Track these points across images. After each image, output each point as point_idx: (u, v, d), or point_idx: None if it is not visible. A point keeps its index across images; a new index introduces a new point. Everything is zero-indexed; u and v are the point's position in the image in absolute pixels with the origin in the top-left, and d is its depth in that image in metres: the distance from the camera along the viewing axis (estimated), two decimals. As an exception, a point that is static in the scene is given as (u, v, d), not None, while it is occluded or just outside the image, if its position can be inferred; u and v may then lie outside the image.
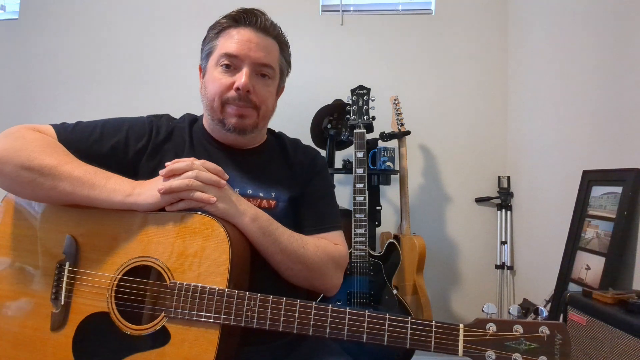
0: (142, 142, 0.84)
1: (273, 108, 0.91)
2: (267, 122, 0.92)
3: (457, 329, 0.59)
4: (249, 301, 0.65)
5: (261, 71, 0.84)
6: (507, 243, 1.96)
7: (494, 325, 0.58)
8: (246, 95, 0.82)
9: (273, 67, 0.86)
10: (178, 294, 0.66)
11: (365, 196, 1.53)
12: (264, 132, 0.97)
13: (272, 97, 0.89)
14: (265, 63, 0.84)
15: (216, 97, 0.83)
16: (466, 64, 2.08)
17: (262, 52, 0.83)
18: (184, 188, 0.70)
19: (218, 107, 0.84)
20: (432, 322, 0.60)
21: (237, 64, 0.82)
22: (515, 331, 0.57)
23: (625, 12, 1.28)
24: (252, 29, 0.83)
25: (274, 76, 0.87)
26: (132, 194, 0.70)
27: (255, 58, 0.82)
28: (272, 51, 0.86)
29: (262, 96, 0.85)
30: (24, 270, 0.74)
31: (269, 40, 0.85)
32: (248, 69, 0.82)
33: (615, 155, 1.30)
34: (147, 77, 2.16)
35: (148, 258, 0.70)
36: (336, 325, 0.63)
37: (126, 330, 0.68)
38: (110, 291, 0.70)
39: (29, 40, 2.22)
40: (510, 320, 0.59)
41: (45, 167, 0.70)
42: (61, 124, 0.83)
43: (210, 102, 0.85)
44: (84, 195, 0.70)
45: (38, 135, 0.76)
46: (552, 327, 0.57)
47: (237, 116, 0.83)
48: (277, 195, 0.87)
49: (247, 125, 0.84)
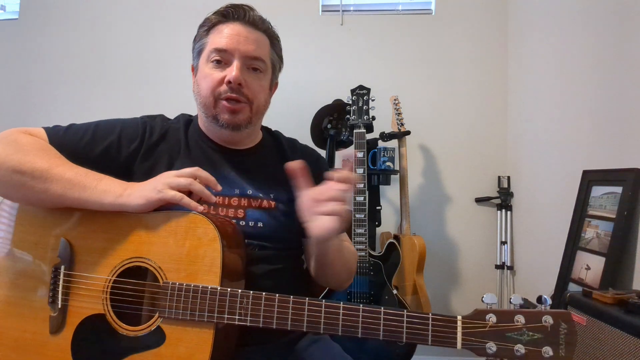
0: (135, 143, 0.84)
1: (266, 103, 0.90)
2: (261, 117, 0.91)
3: (454, 321, 0.57)
4: (241, 299, 0.65)
5: (252, 65, 0.84)
6: (507, 243, 1.96)
7: (494, 316, 0.56)
8: (238, 88, 0.82)
9: (264, 61, 0.85)
10: (171, 294, 0.66)
11: (365, 196, 1.53)
12: (259, 130, 0.96)
13: (265, 91, 0.88)
14: (256, 56, 0.83)
15: (208, 93, 0.83)
16: (466, 64, 2.08)
17: (252, 45, 0.83)
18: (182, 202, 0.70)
19: (211, 103, 0.83)
20: (429, 315, 0.58)
21: (228, 59, 0.82)
22: (517, 321, 0.55)
23: (624, 12, 1.28)
24: (241, 23, 0.83)
25: (266, 70, 0.87)
26: (123, 195, 0.70)
27: (245, 51, 0.82)
28: (262, 44, 0.85)
29: (254, 90, 0.84)
30: (22, 274, 0.74)
31: (259, 34, 0.85)
32: (239, 62, 0.81)
33: (615, 155, 1.30)
34: (147, 77, 2.16)
35: (141, 259, 0.70)
36: (330, 320, 0.62)
37: (122, 331, 0.68)
38: (105, 293, 0.70)
39: (29, 40, 2.22)
40: (511, 310, 0.56)
41: (36, 170, 0.70)
42: (53, 127, 0.82)
43: (203, 99, 0.84)
44: (75, 197, 0.70)
45: (30, 139, 0.75)
46: (556, 316, 0.54)
47: (229, 112, 0.82)
48: (276, 196, 0.86)
49: (241, 120, 0.84)
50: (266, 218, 0.84)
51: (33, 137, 0.77)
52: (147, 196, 0.69)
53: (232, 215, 0.83)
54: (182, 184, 0.70)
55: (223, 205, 0.83)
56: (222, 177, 0.85)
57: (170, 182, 0.70)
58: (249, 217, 0.83)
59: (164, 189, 0.69)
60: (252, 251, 0.80)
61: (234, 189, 0.85)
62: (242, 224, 0.82)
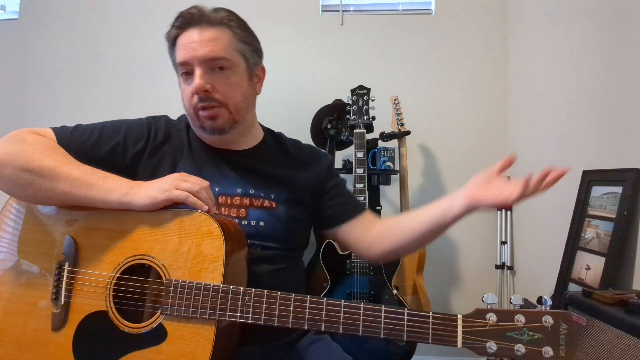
0: (140, 144, 0.85)
1: (246, 98, 0.87)
2: (245, 113, 0.87)
3: (455, 320, 0.58)
4: (243, 296, 0.65)
5: (216, 65, 0.81)
6: (507, 243, 1.96)
7: (494, 315, 0.56)
8: (206, 95, 0.81)
9: (225, 57, 0.81)
10: (174, 291, 0.67)
11: (365, 196, 1.53)
12: (255, 128, 0.95)
13: (239, 87, 0.85)
14: (213, 57, 0.80)
15: (188, 107, 0.84)
16: (466, 64, 2.08)
17: (207, 47, 0.80)
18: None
19: (193, 115, 0.84)
20: (429, 313, 0.59)
21: (191, 69, 0.81)
22: (517, 321, 0.55)
23: (624, 12, 1.28)
24: (194, 28, 0.81)
25: (233, 65, 0.83)
26: (129, 193, 0.71)
27: (200, 56, 0.80)
28: (219, 41, 0.81)
29: (224, 91, 0.82)
30: (26, 271, 0.75)
31: (213, 31, 0.81)
32: (200, 69, 0.80)
33: (615, 155, 1.30)
34: (147, 78, 2.15)
35: (144, 256, 0.70)
36: (331, 318, 0.62)
37: (124, 328, 0.68)
38: (109, 290, 0.70)
39: (29, 40, 2.22)
40: (511, 310, 0.56)
41: (44, 169, 0.71)
42: (61, 127, 0.83)
43: (187, 113, 0.86)
44: (81, 195, 0.71)
45: (38, 138, 0.77)
46: (556, 316, 0.54)
47: (208, 119, 0.82)
48: (277, 196, 0.87)
49: (222, 124, 0.83)
50: (267, 218, 0.84)
51: (41, 136, 0.78)
52: (153, 196, 0.70)
53: (234, 214, 0.83)
54: (190, 190, 0.71)
55: (225, 204, 0.84)
56: (223, 177, 0.86)
57: (179, 184, 0.71)
58: (250, 217, 0.83)
59: (170, 189, 0.70)
60: (254, 251, 0.81)
61: (236, 189, 0.85)
62: (244, 224, 0.83)
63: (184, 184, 0.71)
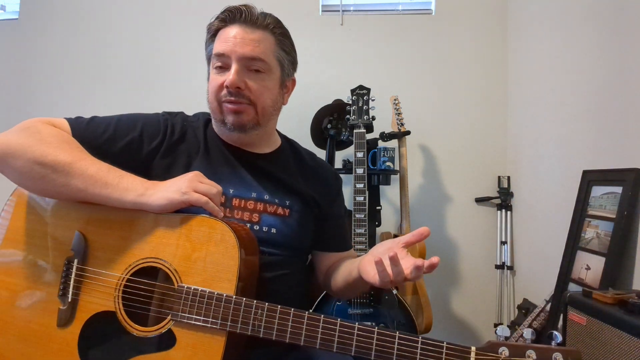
0: (156, 141, 0.83)
1: (275, 104, 0.88)
2: (269, 119, 0.88)
3: (468, 352, 0.58)
4: (256, 309, 0.64)
5: (252, 66, 0.82)
6: (507, 243, 1.96)
7: (506, 350, 0.57)
8: (237, 91, 0.80)
9: (264, 60, 0.82)
10: (185, 298, 0.66)
11: (365, 196, 1.53)
12: (274, 135, 0.95)
13: (270, 92, 0.85)
14: (254, 57, 0.81)
15: (213, 98, 0.83)
16: (466, 63, 2.08)
17: (249, 46, 0.80)
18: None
19: (216, 108, 0.84)
20: (444, 344, 0.59)
21: (227, 63, 0.81)
22: (528, 356, 0.56)
23: (624, 12, 1.28)
24: (239, 25, 0.82)
25: (269, 70, 0.84)
26: (145, 194, 0.69)
27: (241, 53, 0.80)
28: (262, 44, 0.82)
29: (256, 91, 0.82)
30: (33, 265, 0.74)
31: (258, 33, 0.82)
32: (237, 65, 0.80)
33: (615, 155, 1.30)
34: (148, 78, 2.15)
35: (156, 259, 0.69)
36: (344, 340, 0.62)
37: (132, 331, 0.67)
38: (118, 291, 0.69)
39: (29, 40, 2.22)
40: (523, 345, 0.57)
41: (59, 164, 0.69)
42: (76, 118, 0.81)
43: (210, 104, 0.85)
44: (96, 193, 0.69)
45: (53, 130, 0.74)
46: (565, 354, 0.55)
47: (233, 113, 0.82)
48: (291, 204, 0.86)
49: (245, 121, 0.83)
50: (280, 225, 0.84)
51: (56, 128, 0.76)
52: (170, 197, 0.68)
53: (247, 218, 0.82)
54: (208, 192, 0.70)
55: (239, 207, 0.82)
56: (239, 179, 0.85)
57: (196, 186, 0.70)
58: (263, 222, 0.83)
59: (189, 191, 0.69)
60: (262, 256, 0.80)
61: (251, 192, 0.84)
62: (256, 229, 0.82)
63: (200, 186, 0.70)
